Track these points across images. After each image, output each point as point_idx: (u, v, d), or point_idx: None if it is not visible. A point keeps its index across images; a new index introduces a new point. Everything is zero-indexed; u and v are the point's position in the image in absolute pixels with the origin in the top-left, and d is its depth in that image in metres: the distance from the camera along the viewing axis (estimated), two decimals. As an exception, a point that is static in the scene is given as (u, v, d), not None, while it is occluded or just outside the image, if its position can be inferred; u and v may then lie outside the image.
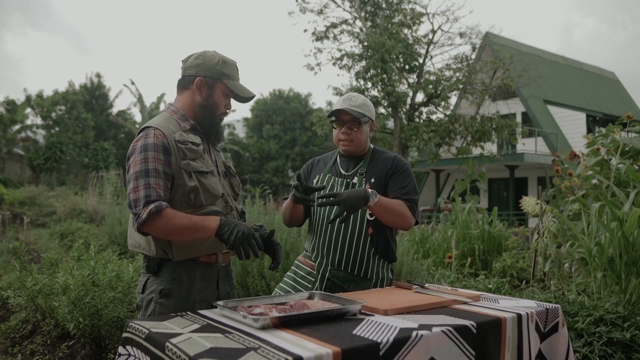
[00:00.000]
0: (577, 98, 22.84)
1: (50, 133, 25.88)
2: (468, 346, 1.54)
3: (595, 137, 5.14)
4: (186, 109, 2.02)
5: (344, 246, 2.27)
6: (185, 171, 1.88)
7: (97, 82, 31.69)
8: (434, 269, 5.17)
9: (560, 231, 4.63)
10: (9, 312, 4.62)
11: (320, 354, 1.26)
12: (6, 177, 20.72)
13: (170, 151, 1.86)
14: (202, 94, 2.01)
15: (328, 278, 2.28)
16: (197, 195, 1.88)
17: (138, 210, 1.79)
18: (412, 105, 14.39)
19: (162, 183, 1.83)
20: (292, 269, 2.43)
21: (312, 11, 14.68)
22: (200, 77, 1.99)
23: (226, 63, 2.03)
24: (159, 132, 1.87)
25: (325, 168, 2.44)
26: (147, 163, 1.82)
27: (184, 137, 1.92)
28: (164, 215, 1.78)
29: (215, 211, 1.93)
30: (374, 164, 2.37)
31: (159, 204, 1.78)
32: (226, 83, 2.02)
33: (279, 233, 4.41)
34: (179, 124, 1.98)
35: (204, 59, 2.01)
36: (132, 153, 1.87)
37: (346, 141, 2.34)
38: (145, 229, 1.81)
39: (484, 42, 15.61)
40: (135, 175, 1.82)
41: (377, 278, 2.30)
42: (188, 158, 1.89)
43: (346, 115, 2.32)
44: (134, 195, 1.81)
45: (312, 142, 30.75)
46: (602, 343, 2.94)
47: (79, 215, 11.99)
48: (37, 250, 8.10)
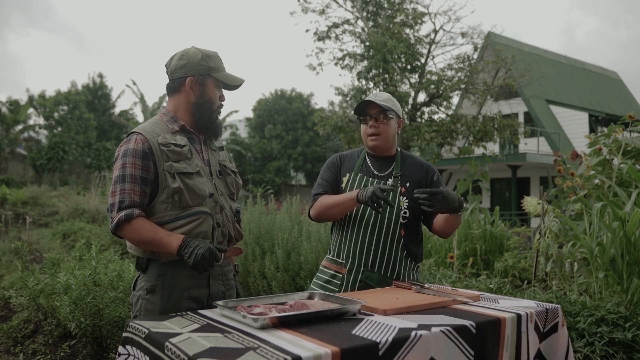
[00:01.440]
0: (580, 98, 22.79)
1: (53, 133, 25.93)
2: (467, 346, 1.54)
3: (598, 137, 5.13)
4: (180, 110, 2.05)
5: (377, 248, 2.26)
6: (168, 173, 1.91)
7: (100, 82, 31.73)
8: (435, 268, 5.16)
9: (562, 231, 4.62)
10: (11, 311, 4.63)
11: (319, 354, 1.26)
12: (9, 177, 20.78)
13: (149, 156, 1.90)
14: (195, 93, 2.02)
15: (361, 280, 2.27)
16: (182, 196, 1.91)
17: (113, 215, 1.88)
18: (414, 105, 14.37)
19: (138, 189, 1.88)
20: (317, 275, 2.42)
21: (314, 11, 14.67)
22: (189, 77, 2.01)
23: (209, 56, 2.05)
24: (140, 137, 1.92)
25: (355, 167, 2.38)
26: (125, 169, 1.89)
27: (167, 140, 1.94)
28: (133, 224, 1.86)
29: (202, 212, 1.95)
30: (406, 168, 2.35)
31: (130, 212, 1.85)
32: (215, 76, 2.04)
33: (280, 233, 4.42)
34: (167, 125, 2.00)
35: (187, 59, 2.02)
36: (115, 158, 1.95)
37: (374, 135, 2.31)
38: (118, 234, 1.89)
39: (485, 42, 15.58)
40: (114, 180, 1.91)
41: (408, 280, 2.30)
42: (171, 160, 1.92)
43: (373, 108, 2.30)
44: (111, 200, 1.90)
45: (314, 142, 30.73)
46: (603, 343, 2.93)
47: (81, 215, 12.02)
48: (39, 250, 8.12)
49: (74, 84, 29.87)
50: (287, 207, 5.10)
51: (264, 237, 4.52)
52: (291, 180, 32.60)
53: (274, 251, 4.32)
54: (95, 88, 31.54)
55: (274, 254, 4.29)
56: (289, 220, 4.60)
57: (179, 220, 1.91)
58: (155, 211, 1.91)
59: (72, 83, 29.91)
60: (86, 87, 30.84)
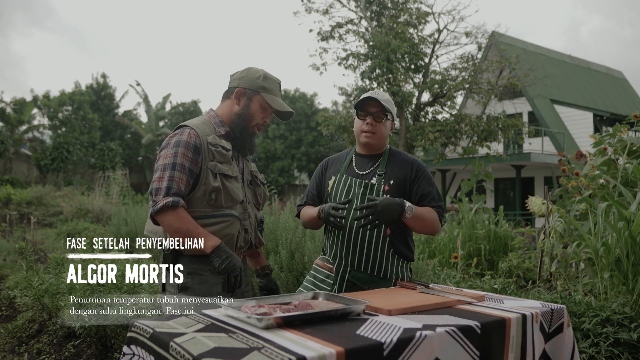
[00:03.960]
0: (584, 97, 22.71)
1: (57, 133, 26.03)
2: (472, 346, 1.54)
3: (602, 136, 5.10)
4: (225, 116, 2.14)
5: (362, 247, 2.26)
6: (211, 171, 1.99)
7: (103, 82, 31.82)
8: (439, 269, 5.16)
9: (566, 231, 4.60)
10: (16, 311, 4.65)
11: (324, 354, 1.26)
12: (13, 177, 20.86)
13: (200, 151, 1.98)
14: (240, 104, 2.12)
15: (348, 279, 2.27)
16: (218, 196, 1.99)
17: (157, 199, 1.92)
18: (417, 105, 14.35)
19: (185, 179, 1.95)
20: (311, 272, 2.42)
21: (317, 11, 14.68)
22: (240, 88, 2.11)
23: (267, 78, 2.14)
24: (193, 132, 1.99)
25: (342, 168, 2.40)
26: (176, 157, 1.95)
27: (216, 141, 2.03)
28: (177, 212, 1.90)
29: (232, 215, 2.02)
30: (392, 165, 2.34)
31: (177, 199, 1.90)
32: (264, 96, 2.11)
33: (284, 233, 4.41)
34: (214, 128, 2.09)
35: (247, 73, 2.14)
36: (165, 146, 2.00)
37: (369, 132, 2.31)
38: (157, 218, 1.92)
39: (490, 42, 15.56)
40: (163, 166, 1.95)
41: (397, 278, 2.29)
42: (216, 160, 2.01)
43: (374, 106, 2.30)
44: (157, 184, 1.94)
45: (317, 142, 30.74)
46: (608, 344, 2.92)
47: (86, 215, 12.05)
48: (43, 250, 8.14)
49: (78, 84, 29.98)
50: (290, 207, 5.09)
51: (267, 237, 4.52)
52: (295, 180, 32.60)
53: (278, 251, 4.32)
54: (99, 88, 31.64)
55: (278, 254, 4.29)
56: (293, 220, 4.60)
57: (211, 218, 1.98)
58: (190, 205, 1.96)
59: (76, 83, 30.01)
60: (90, 88, 30.95)
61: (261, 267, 2.36)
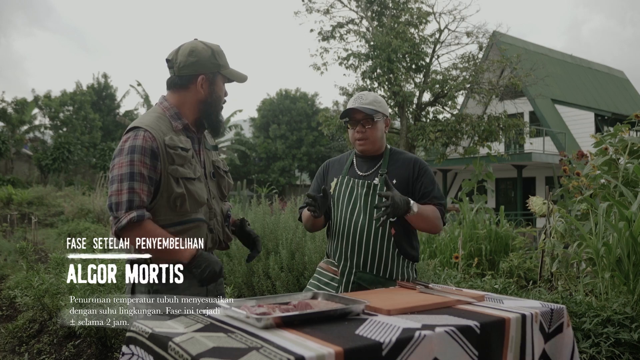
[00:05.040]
0: (586, 97, 22.69)
1: (58, 133, 26.07)
2: (471, 346, 1.53)
3: (604, 136, 5.09)
4: (185, 107, 1.98)
5: (368, 248, 2.26)
6: (172, 177, 1.84)
7: (104, 82, 31.86)
8: (440, 269, 5.15)
9: (567, 231, 4.60)
10: (16, 311, 4.65)
11: (323, 354, 1.25)
12: (14, 177, 20.89)
13: (157, 156, 1.82)
14: (205, 91, 1.97)
15: (353, 281, 2.27)
16: (183, 202, 1.86)
17: (119, 214, 1.76)
18: (418, 105, 14.35)
19: (146, 188, 1.80)
20: (315, 276, 2.42)
21: (318, 11, 14.67)
22: (201, 76, 1.95)
23: (217, 52, 2.00)
24: (148, 135, 1.82)
25: (343, 170, 2.41)
26: (132, 166, 1.78)
27: (174, 142, 1.87)
28: (144, 226, 1.77)
29: (198, 219, 1.91)
30: (393, 165, 2.34)
31: (141, 212, 1.76)
32: (224, 74, 2.02)
33: (284, 233, 4.41)
34: (170, 123, 1.93)
35: (197, 56, 1.95)
36: (118, 153, 1.83)
37: (362, 140, 2.32)
38: (123, 236, 1.78)
39: (491, 41, 15.55)
40: (120, 177, 1.79)
41: (403, 278, 2.29)
42: (176, 163, 1.86)
43: (358, 113, 2.30)
44: (116, 198, 1.78)
45: (318, 142, 30.73)
46: (609, 344, 2.91)
47: (87, 215, 12.05)
48: (44, 250, 8.14)
49: (79, 84, 30.02)
50: (291, 207, 5.09)
51: (268, 237, 4.52)
52: (296, 180, 32.60)
53: (278, 251, 4.32)
54: (100, 88, 31.67)
55: (278, 254, 4.29)
56: (293, 220, 4.59)
57: (177, 225, 1.86)
58: (153, 213, 1.83)
59: (77, 84, 30.06)
60: (91, 88, 30.97)
61: (233, 223, 2.22)
